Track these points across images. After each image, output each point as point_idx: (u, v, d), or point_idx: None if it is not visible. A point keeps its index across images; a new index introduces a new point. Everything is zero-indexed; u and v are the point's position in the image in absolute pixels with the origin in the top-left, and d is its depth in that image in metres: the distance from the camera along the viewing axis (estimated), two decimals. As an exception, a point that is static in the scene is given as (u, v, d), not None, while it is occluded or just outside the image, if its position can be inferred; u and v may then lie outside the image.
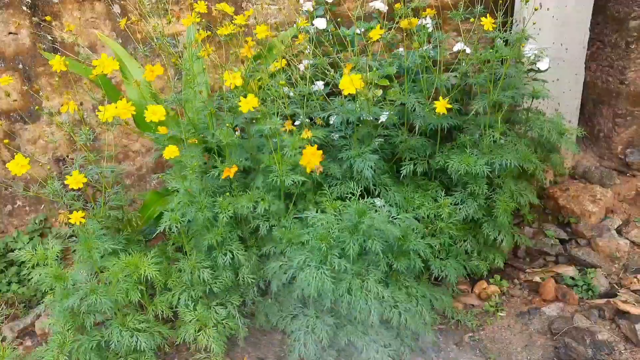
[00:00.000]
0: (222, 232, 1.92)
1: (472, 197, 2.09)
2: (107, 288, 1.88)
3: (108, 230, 2.06)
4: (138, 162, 2.77)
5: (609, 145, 2.84)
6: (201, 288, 1.98)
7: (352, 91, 1.73)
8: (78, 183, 1.77)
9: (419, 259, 1.87)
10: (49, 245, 1.95)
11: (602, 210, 2.60)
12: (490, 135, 2.08)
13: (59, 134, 2.61)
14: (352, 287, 1.74)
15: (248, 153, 2.06)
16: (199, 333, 1.97)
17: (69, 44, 2.56)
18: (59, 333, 1.93)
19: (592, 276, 2.31)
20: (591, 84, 2.84)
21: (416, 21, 1.92)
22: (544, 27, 2.54)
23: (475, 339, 2.12)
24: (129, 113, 1.77)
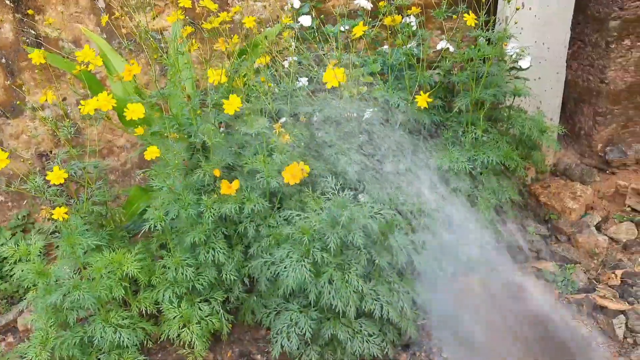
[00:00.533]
0: (205, 229, 1.92)
1: (454, 192, 2.12)
2: (90, 284, 1.88)
3: (91, 226, 2.06)
4: (123, 157, 2.76)
5: (590, 143, 2.88)
6: (185, 285, 1.98)
7: (336, 84, 1.74)
8: (59, 178, 1.76)
9: (402, 255, 1.90)
10: (32, 241, 1.95)
11: (582, 207, 2.65)
12: (472, 133, 2.11)
13: (42, 128, 2.59)
14: (333, 279, 1.75)
15: (232, 149, 2.06)
16: (183, 329, 1.97)
17: (53, 38, 2.54)
18: (41, 329, 1.92)
19: (571, 272, 2.35)
20: (572, 83, 2.89)
21: (400, 19, 1.94)
22: (526, 27, 2.57)
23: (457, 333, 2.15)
24: (109, 105, 1.77)
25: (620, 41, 2.66)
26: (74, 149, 1.99)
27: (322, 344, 1.95)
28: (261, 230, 1.94)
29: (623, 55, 2.69)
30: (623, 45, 2.67)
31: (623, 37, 2.65)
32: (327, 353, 1.96)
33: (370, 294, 1.86)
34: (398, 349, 2.08)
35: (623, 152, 2.81)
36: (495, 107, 2.38)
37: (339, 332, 1.86)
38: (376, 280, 1.93)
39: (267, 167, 1.87)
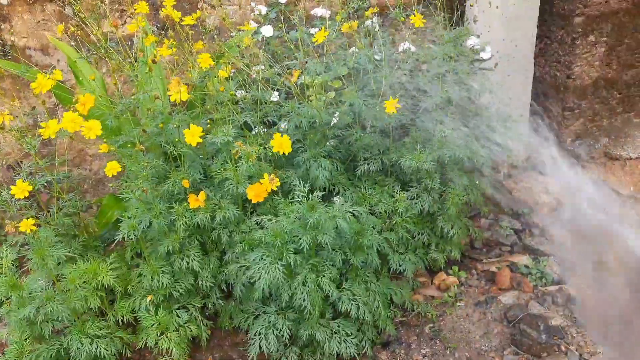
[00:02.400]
0: (179, 238, 1.91)
1: (426, 191, 2.14)
2: (64, 296, 1.86)
3: (64, 237, 2.03)
4: (95, 165, 2.73)
5: (559, 138, 2.94)
6: (162, 292, 1.97)
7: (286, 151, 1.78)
8: (23, 192, 1.74)
9: (375, 254, 1.91)
10: (4, 254, 1.92)
11: (554, 200, 2.70)
12: (441, 131, 2.13)
13: (10, 140, 2.55)
14: (307, 280, 1.77)
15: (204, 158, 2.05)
16: (161, 337, 1.96)
17: (19, 46, 2.51)
18: (16, 343, 1.90)
19: (544, 264, 2.39)
20: (541, 79, 2.94)
21: (356, 24, 1.96)
22: (493, 25, 2.61)
23: (435, 330, 2.18)
24: (77, 126, 1.72)
25: (585, 37, 2.72)
26: (44, 160, 1.97)
27: (301, 345, 1.96)
28: (234, 236, 1.94)
29: (588, 51, 2.75)
30: (588, 41, 2.73)
31: (588, 33, 2.71)
32: (306, 354, 1.97)
33: (347, 294, 1.88)
34: (377, 347, 2.10)
35: (591, 145, 2.87)
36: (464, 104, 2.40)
37: (316, 333, 1.87)
38: (352, 280, 1.94)
39: (235, 174, 1.87)
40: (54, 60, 2.58)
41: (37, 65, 2.48)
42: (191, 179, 1.95)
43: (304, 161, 2.02)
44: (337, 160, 2.09)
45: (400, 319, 2.23)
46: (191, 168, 1.98)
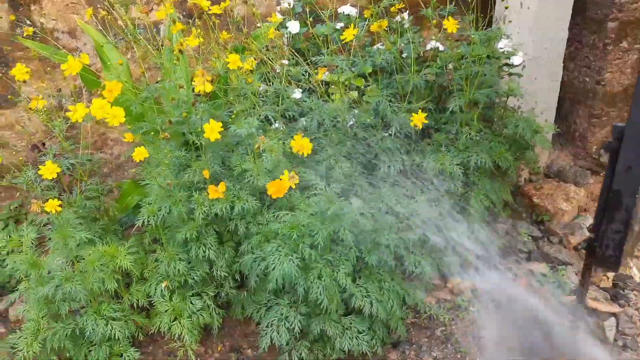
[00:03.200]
0: (197, 226, 1.92)
1: (447, 194, 2.12)
2: (82, 277, 1.89)
3: (84, 219, 2.06)
4: (117, 150, 2.76)
5: (584, 144, 2.89)
6: (177, 279, 1.99)
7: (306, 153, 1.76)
8: (51, 173, 1.76)
9: (390, 253, 1.90)
10: (25, 232, 1.95)
11: (575, 208, 2.65)
12: (466, 133, 2.11)
13: (36, 120, 2.59)
14: (322, 274, 1.76)
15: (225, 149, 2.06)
16: (174, 323, 1.98)
17: (48, 29, 2.53)
18: (33, 320, 1.93)
19: (562, 273, 2.36)
20: (568, 83, 2.89)
21: (386, 23, 1.94)
22: (523, 26, 2.57)
23: (447, 333, 2.17)
24: (104, 113, 1.73)
25: (618, 43, 2.66)
26: (67, 142, 1.99)
27: (312, 339, 1.96)
28: (251, 227, 1.94)
29: (620, 57, 2.69)
30: (620, 47, 2.67)
31: (621, 39, 2.65)
32: (316, 349, 1.97)
33: (360, 290, 1.87)
34: (388, 346, 2.10)
35: (617, 154, 2.82)
36: (489, 107, 2.38)
37: (328, 328, 1.87)
38: (366, 278, 1.94)
39: (255, 166, 1.87)
40: (81, 44, 2.60)
41: (64, 48, 2.51)
42: (212, 170, 1.95)
43: (324, 159, 2.01)
44: (356, 160, 2.07)
45: (412, 320, 2.22)
46: (212, 159, 1.99)
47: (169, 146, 1.94)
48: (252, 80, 1.92)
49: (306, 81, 2.04)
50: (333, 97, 1.97)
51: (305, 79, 2.03)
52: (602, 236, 1.86)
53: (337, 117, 1.99)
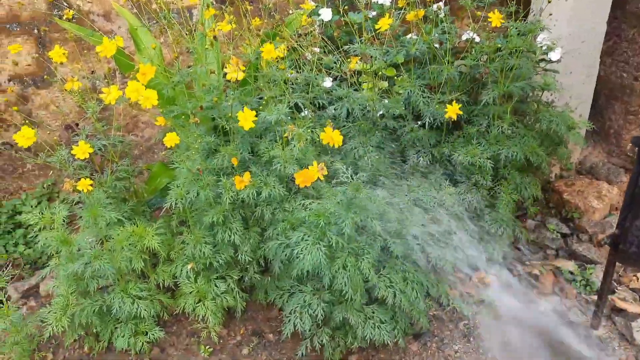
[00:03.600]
0: (224, 210, 1.94)
1: (476, 187, 2.10)
2: (111, 255, 1.92)
3: (114, 199, 2.10)
4: (147, 132, 2.79)
5: (619, 141, 2.82)
6: (202, 261, 2.01)
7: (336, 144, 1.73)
8: (84, 153, 1.79)
9: (416, 245, 1.89)
10: (56, 209, 2.00)
11: (607, 207, 2.60)
12: (498, 126, 2.08)
13: (70, 101, 2.64)
14: (347, 264, 1.76)
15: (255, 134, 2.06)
16: (198, 304, 2.01)
17: (84, 11, 2.57)
18: (62, 296, 1.98)
19: (591, 272, 2.32)
20: (605, 79, 2.81)
21: (422, 13, 1.91)
22: (560, 18, 2.51)
23: (470, 327, 2.15)
24: (139, 96, 1.74)
25: (659, 38, 2.58)
26: (99, 123, 2.02)
27: (334, 326, 1.97)
28: (277, 214, 1.95)
29: (660, 53, 2.61)
30: (661, 43, 2.59)
31: (662, 34, 2.58)
32: (338, 336, 1.98)
33: (384, 280, 1.87)
34: (409, 337, 2.10)
35: (653, 152, 2.74)
36: (523, 101, 2.33)
37: (350, 317, 1.88)
38: (390, 268, 1.93)
39: (284, 154, 1.87)
40: (115, 27, 2.64)
41: (99, 31, 2.54)
42: (240, 156, 1.97)
43: (351, 149, 2.00)
44: (385, 150, 2.06)
45: (435, 312, 2.21)
46: (240, 145, 2.00)
47: (198, 130, 1.96)
48: (283, 67, 1.92)
49: (337, 69, 2.03)
50: (363, 86, 1.95)
51: (337, 67, 2.02)
52: (627, 232, 1.83)
53: (367, 107, 1.98)
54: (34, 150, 2.54)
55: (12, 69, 2.60)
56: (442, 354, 2.06)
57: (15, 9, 2.53)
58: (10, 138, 2.66)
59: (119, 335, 2.00)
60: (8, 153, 2.70)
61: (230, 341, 2.14)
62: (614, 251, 1.88)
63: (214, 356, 2.08)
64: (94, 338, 2.07)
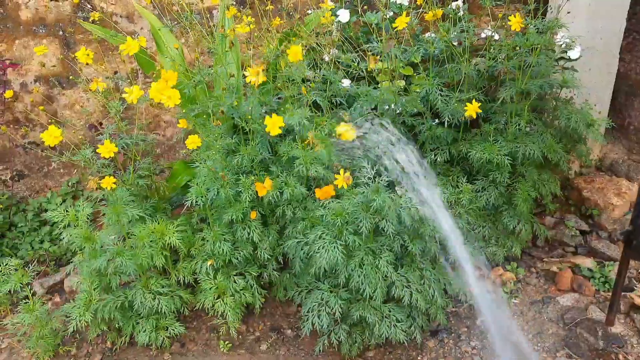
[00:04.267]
0: (243, 208, 1.97)
1: (493, 184, 2.10)
2: (133, 252, 1.97)
3: (136, 197, 2.14)
4: (169, 131, 2.84)
5: (639, 138, 2.79)
6: (222, 258, 2.05)
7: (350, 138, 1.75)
8: (109, 152, 1.84)
9: (434, 243, 1.91)
10: (80, 207, 2.05)
11: (627, 204, 2.57)
12: (516, 124, 2.08)
13: (94, 101, 2.70)
14: (364, 263, 1.78)
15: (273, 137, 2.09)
16: (217, 300, 2.05)
17: (108, 13, 2.63)
18: (85, 291, 2.03)
19: (610, 269, 2.30)
20: (624, 76, 2.78)
21: (441, 12, 1.92)
22: (578, 16, 2.49)
23: (487, 324, 2.15)
24: (162, 96, 1.77)
25: (680, 34, 2.55)
26: (122, 122, 2.07)
27: (351, 323, 1.99)
28: (297, 213, 1.97)
29: (681, 50, 2.57)
30: (682, 39, 2.56)
31: (683, 30, 2.54)
32: (355, 333, 2.00)
33: (401, 280, 1.89)
34: (427, 334, 2.11)
35: (675, 150, 2.71)
36: (541, 98, 2.33)
37: (367, 315, 1.90)
38: (407, 267, 1.95)
39: (305, 155, 1.90)
40: (138, 28, 2.69)
41: (122, 32, 2.59)
42: (260, 156, 2.00)
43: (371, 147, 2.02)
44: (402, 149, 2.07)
45: (452, 309, 2.22)
46: (260, 145, 2.03)
47: (218, 129, 1.99)
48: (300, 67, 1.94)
49: (356, 68, 2.04)
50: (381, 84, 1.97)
51: (355, 65, 2.03)
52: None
53: (385, 105, 2.00)
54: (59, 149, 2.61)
55: (38, 70, 2.67)
56: (459, 350, 2.07)
57: (41, 11, 2.59)
58: (36, 137, 2.74)
59: (141, 330, 2.05)
60: (34, 152, 2.78)
61: (249, 337, 2.17)
62: (627, 248, 1.87)
63: (233, 351, 2.11)
64: (116, 333, 2.12)
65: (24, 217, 2.70)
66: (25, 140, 2.77)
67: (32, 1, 2.58)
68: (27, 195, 2.84)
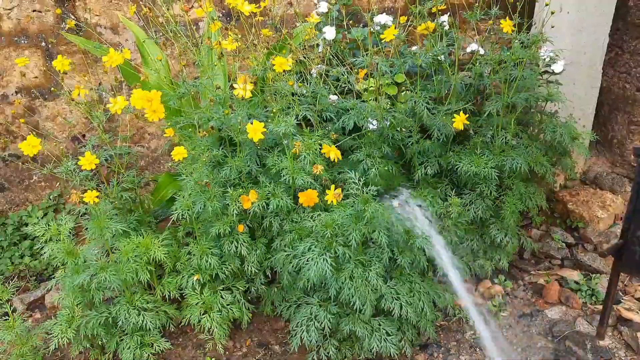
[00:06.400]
0: (230, 222, 1.95)
1: (481, 197, 2.10)
2: (117, 267, 1.93)
3: (120, 210, 2.10)
4: (153, 144, 2.81)
5: (622, 152, 2.83)
6: (209, 272, 2.01)
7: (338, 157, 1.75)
8: (90, 164, 1.80)
9: (423, 256, 1.90)
10: (63, 221, 2.00)
11: (611, 216, 2.60)
12: (502, 137, 2.09)
13: (77, 112, 2.66)
14: (353, 275, 1.77)
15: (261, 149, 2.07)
16: (204, 316, 2.01)
17: (92, 24, 2.60)
18: (68, 307, 1.99)
19: (596, 282, 2.31)
20: (607, 90, 2.83)
21: (433, 26, 1.93)
22: (562, 30, 2.53)
23: (477, 338, 2.14)
24: (144, 103, 1.77)
25: (660, 49, 2.60)
26: (106, 134, 2.04)
27: (341, 338, 1.97)
28: (285, 225, 1.95)
29: (662, 64, 2.63)
30: (663, 54, 2.61)
31: (663, 45, 2.59)
32: (344, 348, 1.98)
33: (391, 292, 1.87)
34: (416, 348, 2.09)
35: (657, 163, 2.75)
36: (526, 112, 2.35)
37: (357, 329, 1.88)
38: (397, 279, 1.93)
39: (292, 165, 1.88)
40: (122, 40, 2.66)
41: (106, 43, 2.57)
42: (247, 168, 1.98)
43: (359, 160, 2.01)
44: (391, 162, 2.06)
45: (441, 322, 2.20)
46: (248, 157, 2.01)
47: (204, 142, 1.97)
48: (292, 83, 1.93)
49: (345, 81, 2.04)
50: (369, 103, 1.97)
51: (345, 78, 2.03)
52: (630, 241, 1.83)
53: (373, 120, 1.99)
54: (41, 162, 2.56)
55: (20, 81, 2.62)
56: (449, 364, 2.05)
57: (23, 22, 2.55)
58: (17, 150, 2.68)
59: (125, 347, 1.99)
60: (15, 164, 2.72)
61: (236, 353, 2.13)
62: (617, 261, 1.88)
63: (220, 368, 2.07)
64: (99, 350, 2.07)
65: (3, 231, 2.63)
66: (6, 153, 2.71)
67: (14, 12, 2.54)
68: (7, 209, 2.78)
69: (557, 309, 2.24)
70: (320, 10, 2.38)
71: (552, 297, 2.29)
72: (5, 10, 2.53)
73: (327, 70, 2.07)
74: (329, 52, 2.13)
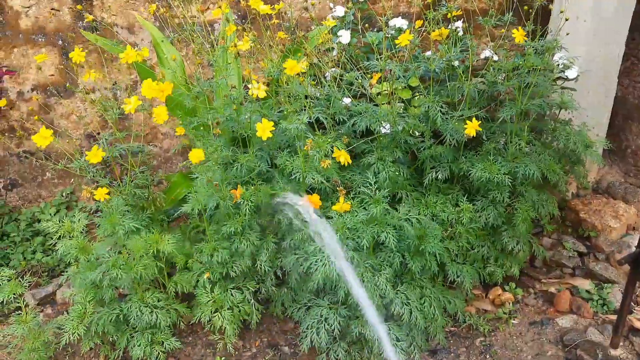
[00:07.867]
0: (242, 221, 1.95)
1: (492, 204, 2.10)
2: (129, 264, 1.93)
3: (132, 208, 2.11)
4: (166, 143, 2.82)
5: (636, 161, 2.81)
6: (219, 271, 2.01)
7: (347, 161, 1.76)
8: (97, 157, 1.81)
9: (434, 261, 1.89)
10: (75, 218, 2.02)
11: (624, 226, 2.58)
12: (516, 144, 2.08)
13: (92, 110, 2.68)
14: (364, 279, 1.77)
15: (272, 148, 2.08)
16: (215, 314, 2.01)
17: (108, 23, 2.62)
18: (79, 304, 2.00)
19: (608, 291, 2.30)
20: (622, 99, 2.82)
21: (447, 32, 1.93)
22: (578, 38, 2.52)
23: (486, 344, 2.14)
24: (154, 93, 1.78)
25: (677, 59, 2.58)
26: (120, 132, 2.05)
27: (350, 341, 1.97)
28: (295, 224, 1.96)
29: (678, 74, 2.61)
30: (679, 64, 2.59)
31: (680, 55, 2.58)
32: (354, 351, 1.98)
33: (401, 297, 1.87)
34: (425, 354, 2.08)
35: (671, 173, 2.73)
36: (540, 119, 2.34)
37: (366, 332, 1.87)
38: (407, 284, 1.93)
39: (303, 164, 1.88)
40: (138, 39, 2.68)
41: (122, 43, 2.59)
42: (259, 168, 1.98)
43: (371, 163, 2.01)
44: (402, 166, 2.06)
45: (451, 328, 2.20)
46: (259, 157, 2.02)
47: (218, 142, 1.98)
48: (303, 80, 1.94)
49: (359, 85, 2.04)
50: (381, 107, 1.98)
51: (359, 82, 2.04)
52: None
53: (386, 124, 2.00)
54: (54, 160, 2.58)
55: (36, 78, 2.65)
56: (458, 371, 2.05)
57: (41, 20, 2.58)
58: (32, 146, 2.71)
59: (135, 344, 2.00)
60: (29, 161, 2.74)
61: (245, 353, 2.14)
62: (634, 269, 1.87)
63: (229, 368, 2.08)
64: (109, 347, 2.08)
65: (16, 226, 2.66)
66: (20, 149, 2.73)
67: (32, 9, 2.57)
68: (20, 205, 2.80)
69: (568, 317, 2.23)
70: (336, 14, 2.39)
71: (563, 306, 2.27)
72: (24, 8, 2.56)
73: (341, 74, 2.07)
74: (344, 56, 2.14)
